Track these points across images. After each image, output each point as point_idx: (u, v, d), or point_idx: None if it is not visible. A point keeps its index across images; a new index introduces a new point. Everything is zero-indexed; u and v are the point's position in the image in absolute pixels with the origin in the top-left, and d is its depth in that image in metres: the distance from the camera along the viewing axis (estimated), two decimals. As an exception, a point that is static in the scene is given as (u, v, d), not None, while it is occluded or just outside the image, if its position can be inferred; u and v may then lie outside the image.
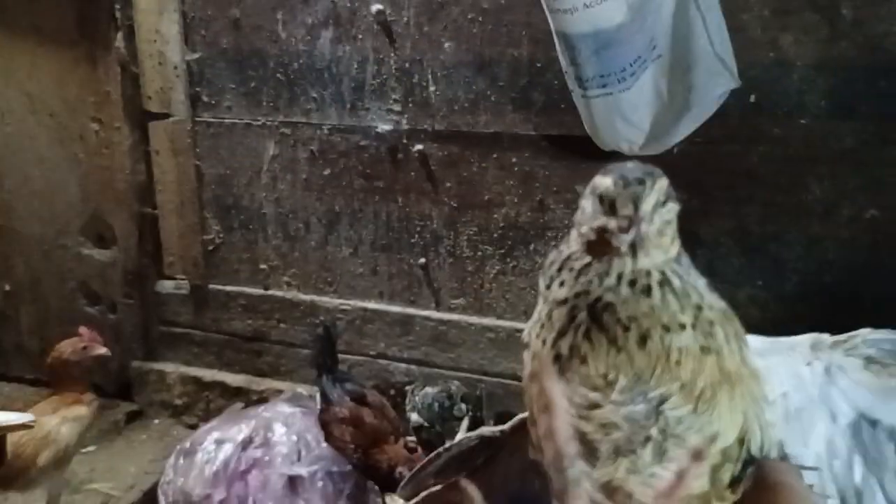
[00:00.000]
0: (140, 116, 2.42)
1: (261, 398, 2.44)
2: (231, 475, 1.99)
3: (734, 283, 1.96)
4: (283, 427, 2.07)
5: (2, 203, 2.66)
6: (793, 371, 0.61)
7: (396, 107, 2.17)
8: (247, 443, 2.03)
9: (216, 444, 2.03)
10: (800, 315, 1.81)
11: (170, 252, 2.53)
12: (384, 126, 2.19)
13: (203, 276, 2.51)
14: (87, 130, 2.48)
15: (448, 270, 2.26)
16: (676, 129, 1.79)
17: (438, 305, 2.30)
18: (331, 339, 2.12)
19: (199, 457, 2.01)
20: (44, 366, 2.02)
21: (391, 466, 1.86)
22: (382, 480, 1.90)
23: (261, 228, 2.42)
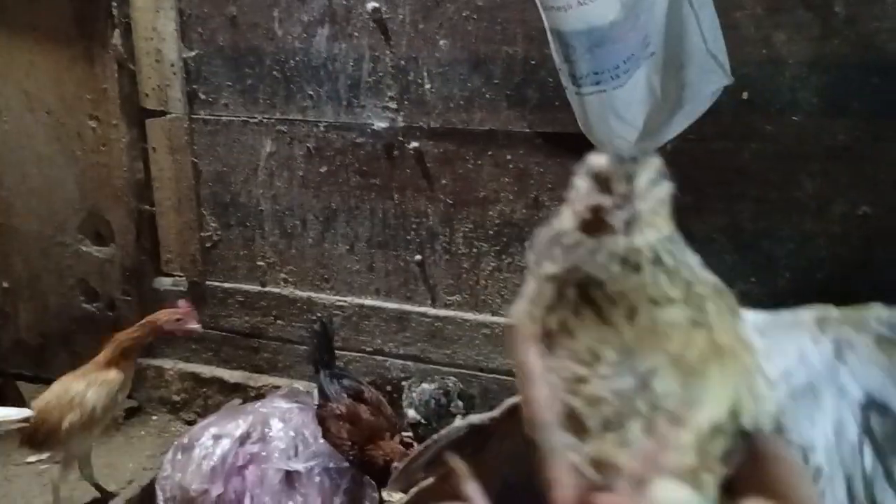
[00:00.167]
0: (137, 114, 2.43)
1: (258, 394, 2.45)
2: (228, 470, 2.00)
3: (727, 280, 1.94)
4: (281, 423, 2.08)
5: (0, 201, 2.67)
6: (798, 347, 0.60)
7: (392, 104, 2.17)
8: (244, 438, 2.05)
9: (214, 440, 2.05)
10: (792, 311, 1.82)
11: (167, 249, 2.54)
12: (380, 123, 2.19)
13: (200, 273, 2.52)
14: (85, 128, 2.49)
15: (444, 267, 2.27)
16: (670, 127, 1.79)
17: (434, 302, 2.31)
18: (327, 335, 2.13)
19: (197, 452, 2.03)
20: (133, 323, 2.09)
21: (387, 462, 1.87)
22: (379, 476, 1.92)
23: (258, 225, 2.43)
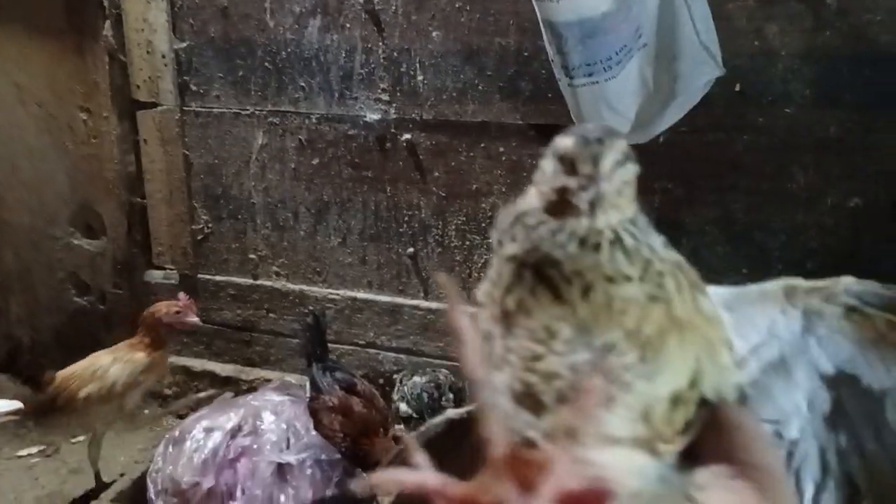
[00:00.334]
0: (128, 106, 2.42)
1: (250, 387, 2.45)
2: (220, 463, 1.99)
3: (719, 272, 1.95)
4: (273, 415, 2.07)
5: (-10, 193, 2.66)
6: (767, 320, 0.60)
7: (384, 96, 2.17)
8: (236, 431, 2.04)
9: (205, 433, 2.04)
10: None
11: (159, 242, 2.53)
12: (372, 115, 2.19)
13: (192, 266, 2.51)
14: (76, 120, 2.47)
15: (436, 260, 2.27)
16: (662, 118, 1.79)
17: (427, 295, 2.31)
18: (320, 328, 2.13)
19: (188, 445, 2.02)
20: (136, 314, 2.15)
21: (379, 456, 1.87)
22: (371, 469, 1.91)
23: (250, 218, 2.42)
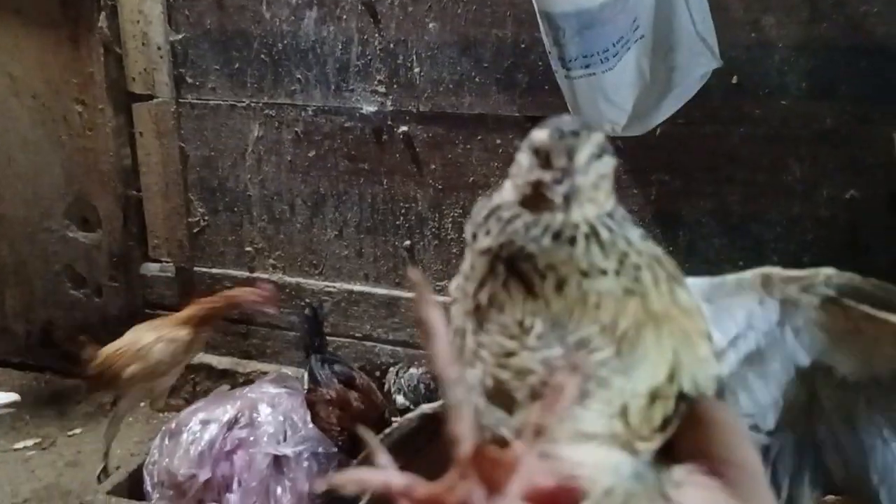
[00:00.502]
0: (124, 98, 2.41)
1: (247, 380, 2.44)
2: (216, 455, 1.99)
3: (715, 264, 1.97)
4: (269, 408, 2.07)
5: (-15, 186, 2.65)
6: (745, 311, 0.59)
7: (381, 88, 2.16)
8: (232, 423, 2.03)
9: (201, 425, 2.03)
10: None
11: (155, 234, 2.52)
12: (369, 107, 2.18)
13: (188, 259, 2.50)
14: (71, 112, 2.46)
15: (433, 252, 2.27)
16: (659, 110, 1.79)
17: (424, 287, 2.30)
18: (318, 320, 2.12)
19: (185, 437, 2.02)
20: (214, 294, 2.15)
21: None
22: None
23: (246, 211, 2.41)
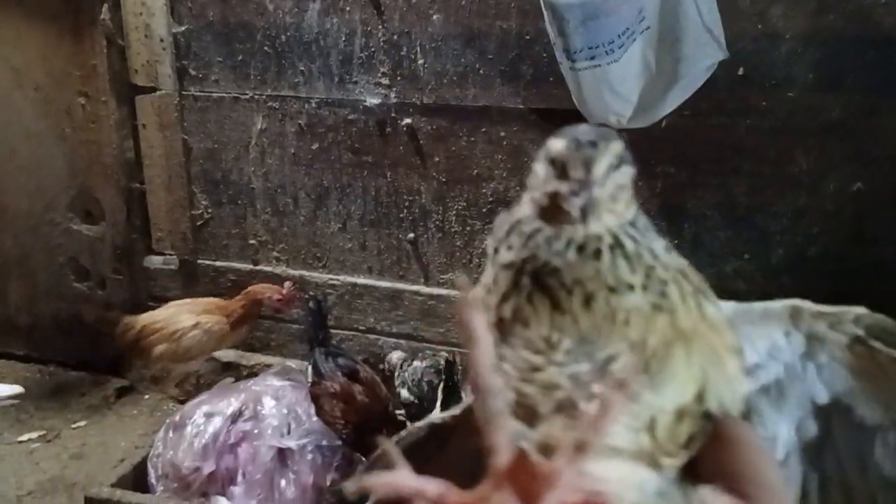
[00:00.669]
0: (127, 90, 2.40)
1: (251, 373, 2.44)
2: (220, 448, 1.99)
3: (721, 256, 1.97)
4: (273, 400, 2.07)
5: (-12, 178, 2.64)
6: (768, 341, 0.58)
7: (385, 80, 2.15)
8: (236, 416, 2.04)
9: (206, 418, 2.04)
10: (786, 287, 1.82)
11: (158, 227, 2.52)
12: (372, 100, 2.17)
13: (192, 252, 2.50)
14: (74, 104, 2.46)
15: (437, 245, 2.26)
16: (664, 102, 1.78)
17: (427, 280, 2.30)
18: (322, 313, 2.12)
19: (189, 430, 2.02)
20: (237, 292, 2.19)
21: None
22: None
23: (249, 203, 2.41)
